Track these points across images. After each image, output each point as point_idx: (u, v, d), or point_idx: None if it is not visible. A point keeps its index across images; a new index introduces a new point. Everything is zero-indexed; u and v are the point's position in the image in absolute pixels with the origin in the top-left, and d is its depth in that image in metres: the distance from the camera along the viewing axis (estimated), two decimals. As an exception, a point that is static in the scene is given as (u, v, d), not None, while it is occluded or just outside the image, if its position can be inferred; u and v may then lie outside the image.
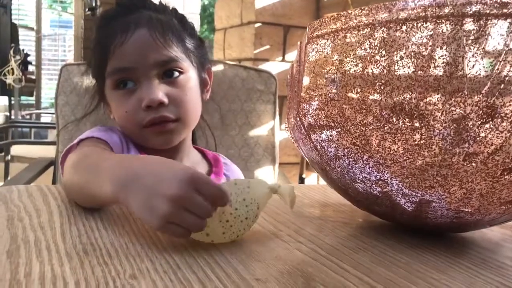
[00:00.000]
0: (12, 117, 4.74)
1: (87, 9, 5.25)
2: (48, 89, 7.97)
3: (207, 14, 8.95)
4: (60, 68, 1.13)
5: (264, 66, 2.20)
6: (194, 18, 3.84)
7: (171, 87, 0.76)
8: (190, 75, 0.79)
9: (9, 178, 2.31)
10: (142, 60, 0.75)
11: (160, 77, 0.76)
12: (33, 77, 6.00)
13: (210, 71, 0.89)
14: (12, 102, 5.16)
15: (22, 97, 6.10)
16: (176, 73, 0.77)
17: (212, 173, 0.88)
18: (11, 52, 5.02)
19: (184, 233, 0.42)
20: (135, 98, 0.75)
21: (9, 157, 2.41)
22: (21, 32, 6.19)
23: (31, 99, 6.61)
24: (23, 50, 5.36)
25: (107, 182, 0.46)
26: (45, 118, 5.42)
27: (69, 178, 0.56)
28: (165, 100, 0.74)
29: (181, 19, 0.85)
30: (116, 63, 0.76)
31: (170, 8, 0.85)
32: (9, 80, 4.96)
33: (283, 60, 2.28)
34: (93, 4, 5.06)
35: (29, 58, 5.55)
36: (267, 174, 1.20)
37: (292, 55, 2.28)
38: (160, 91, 0.74)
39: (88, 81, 1.10)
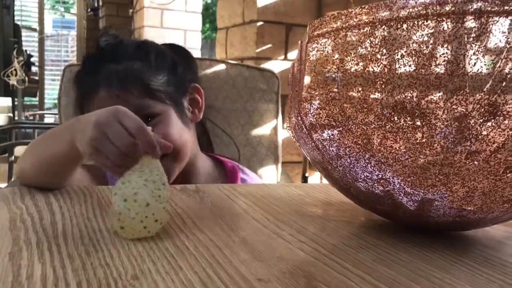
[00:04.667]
0: (16, 118, 4.75)
1: (89, 10, 5.26)
2: (51, 90, 7.99)
3: (209, 13, 8.94)
4: (63, 68, 1.13)
5: (266, 65, 2.20)
6: (196, 18, 3.84)
7: (154, 128, 0.74)
8: (164, 114, 0.77)
9: (12, 179, 2.32)
10: None
11: None
12: (36, 78, 6.01)
13: (198, 89, 0.87)
14: (16, 103, 5.17)
15: (26, 98, 6.11)
16: (149, 118, 0.76)
17: None
18: (14, 53, 5.03)
19: (109, 164, 0.48)
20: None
21: (12, 158, 2.42)
22: (24, 33, 6.19)
23: (34, 100, 6.63)
24: (26, 51, 5.37)
25: (65, 136, 0.54)
26: (49, 119, 5.43)
27: (26, 158, 0.62)
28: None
29: (143, 57, 0.81)
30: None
31: (134, 46, 0.82)
32: (12, 81, 4.97)
33: (285, 58, 2.28)
34: (96, 5, 5.07)
35: (32, 59, 5.56)
36: (270, 173, 1.20)
37: (294, 54, 2.28)
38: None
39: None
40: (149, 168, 0.45)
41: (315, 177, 2.35)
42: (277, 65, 2.24)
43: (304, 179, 2.22)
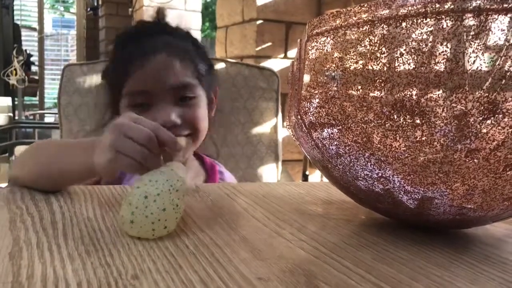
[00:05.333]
0: (16, 117, 4.75)
1: (89, 9, 5.26)
2: (51, 89, 7.99)
3: (209, 12, 8.93)
4: (62, 68, 1.13)
5: (266, 63, 2.20)
6: (195, 16, 3.84)
7: (184, 109, 0.80)
8: (201, 98, 0.83)
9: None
10: (160, 84, 0.79)
11: (174, 100, 0.80)
12: (36, 77, 6.01)
13: (217, 92, 0.94)
14: (16, 102, 5.17)
15: (26, 98, 6.11)
16: (189, 97, 0.81)
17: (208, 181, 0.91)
18: (14, 52, 5.03)
19: (131, 163, 0.48)
20: (149, 118, 0.78)
21: (13, 158, 2.42)
22: (24, 32, 6.20)
23: (35, 100, 6.63)
24: (25, 50, 5.37)
25: (78, 153, 0.56)
26: (49, 118, 5.44)
27: (23, 166, 0.62)
28: (178, 121, 0.79)
29: (195, 44, 0.88)
30: (134, 86, 0.80)
31: (185, 32, 0.89)
32: (12, 80, 4.97)
33: (285, 57, 2.28)
34: (95, 4, 5.06)
35: (32, 59, 5.56)
36: (271, 171, 1.20)
37: (294, 52, 2.28)
38: (174, 113, 0.78)
39: (91, 81, 1.10)
40: (177, 176, 0.46)
41: (315, 175, 2.35)
42: (277, 64, 2.24)
43: (305, 177, 2.22)
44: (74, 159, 0.56)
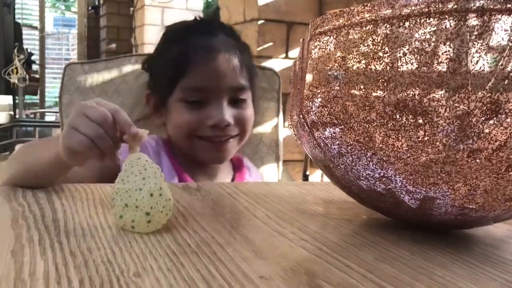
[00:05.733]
0: (17, 116, 4.75)
1: (90, 8, 5.26)
2: (52, 88, 8.00)
3: (210, 11, 8.93)
4: (63, 67, 1.13)
5: (267, 63, 2.20)
6: (196, 15, 3.85)
7: (236, 110, 0.82)
8: (250, 101, 0.86)
9: None
10: (220, 83, 0.80)
11: (228, 100, 0.81)
12: (37, 76, 6.01)
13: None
14: (17, 101, 5.17)
15: (26, 96, 6.12)
16: (242, 99, 0.83)
17: (235, 180, 0.91)
18: (15, 51, 5.03)
19: (82, 139, 0.49)
20: (202, 114, 0.80)
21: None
22: (25, 31, 6.20)
23: (35, 98, 6.63)
24: (27, 49, 5.37)
25: (52, 144, 0.56)
26: (49, 117, 5.44)
27: (11, 166, 0.63)
28: (232, 122, 0.79)
29: (246, 46, 0.90)
30: (194, 81, 0.81)
31: (238, 34, 0.91)
32: (13, 79, 4.97)
33: (286, 57, 2.28)
34: (96, 3, 5.06)
35: (33, 57, 5.56)
36: (271, 171, 1.20)
37: (295, 52, 2.28)
38: (228, 113, 0.80)
39: (92, 80, 1.10)
40: (148, 162, 0.46)
41: (316, 175, 2.35)
42: (278, 64, 2.24)
43: (305, 177, 2.22)
44: (48, 149, 0.57)
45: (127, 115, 0.51)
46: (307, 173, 2.23)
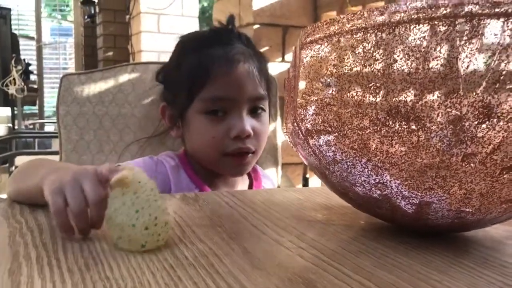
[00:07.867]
0: (16, 127, 4.75)
1: (86, 17, 5.26)
2: (50, 98, 7.99)
3: (206, 17, 8.94)
4: (60, 77, 1.13)
5: (264, 67, 2.20)
6: (192, 22, 3.85)
7: (255, 121, 0.81)
8: (267, 112, 0.85)
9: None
10: (241, 93, 0.80)
11: (248, 111, 0.81)
12: (35, 86, 6.01)
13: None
14: (15, 112, 5.17)
15: (25, 107, 6.12)
16: (260, 109, 0.83)
17: (253, 188, 0.91)
18: (12, 62, 5.04)
19: (61, 206, 0.45)
20: (223, 126, 0.79)
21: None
22: (22, 42, 6.20)
23: (34, 108, 6.63)
24: (24, 60, 5.38)
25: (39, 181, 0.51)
26: (49, 127, 5.44)
27: (12, 184, 0.61)
28: (252, 132, 0.80)
29: (263, 56, 0.89)
30: (216, 91, 0.80)
31: (253, 43, 0.90)
32: (11, 90, 4.97)
33: (283, 60, 2.28)
34: (92, 11, 5.07)
35: (30, 68, 5.56)
36: (271, 175, 1.19)
37: (291, 56, 2.28)
38: (248, 123, 0.79)
39: (88, 90, 1.10)
40: (141, 183, 0.44)
41: (315, 178, 2.35)
42: (274, 68, 2.24)
43: (305, 181, 2.22)
44: (35, 178, 0.53)
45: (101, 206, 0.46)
46: (307, 176, 2.23)
